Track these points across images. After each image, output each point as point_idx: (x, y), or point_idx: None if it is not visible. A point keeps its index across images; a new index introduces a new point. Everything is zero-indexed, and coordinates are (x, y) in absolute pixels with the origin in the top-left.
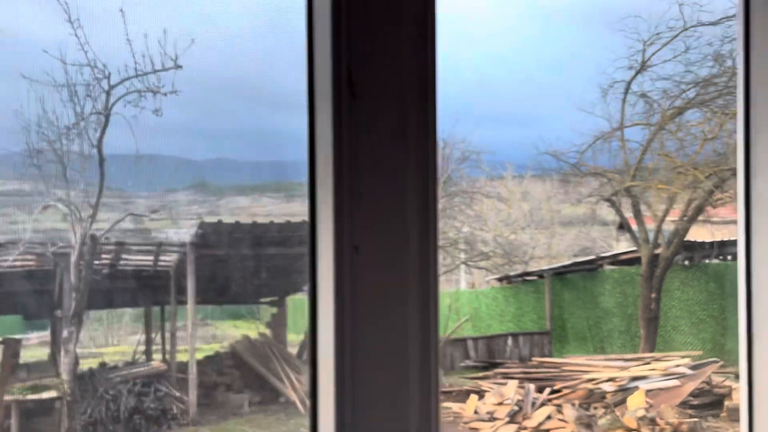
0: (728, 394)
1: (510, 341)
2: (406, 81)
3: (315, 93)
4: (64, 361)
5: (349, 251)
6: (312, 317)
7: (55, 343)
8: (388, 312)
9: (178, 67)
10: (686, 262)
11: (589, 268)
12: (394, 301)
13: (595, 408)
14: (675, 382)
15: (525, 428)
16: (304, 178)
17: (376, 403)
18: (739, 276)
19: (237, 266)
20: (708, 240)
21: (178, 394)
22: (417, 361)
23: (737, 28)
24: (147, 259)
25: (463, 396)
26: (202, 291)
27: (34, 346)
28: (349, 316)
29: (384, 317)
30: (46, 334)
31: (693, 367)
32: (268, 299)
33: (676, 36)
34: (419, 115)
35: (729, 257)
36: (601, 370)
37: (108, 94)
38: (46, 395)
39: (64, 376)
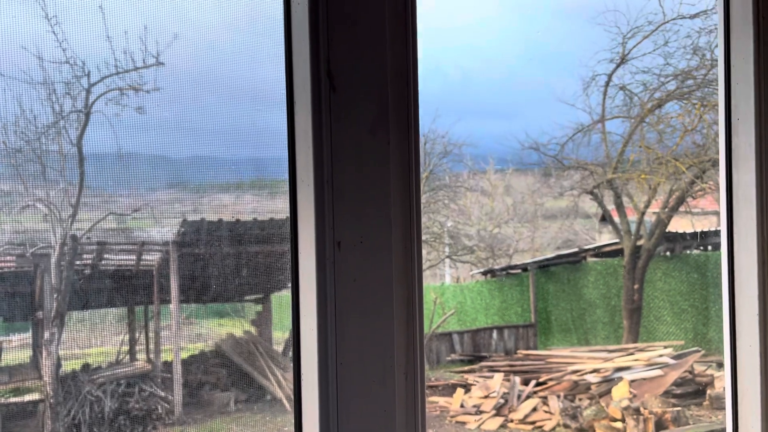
0: (710, 383)
1: (495, 334)
2: (386, 72)
3: (294, 86)
4: (46, 363)
5: (331, 247)
6: (295, 314)
7: (36, 345)
8: (372, 308)
9: (159, 64)
10: (668, 253)
11: (573, 261)
12: (378, 297)
13: (580, 399)
14: (658, 372)
15: (511, 421)
16: (287, 175)
17: (361, 400)
18: (722, 264)
19: (221, 264)
20: (689, 231)
21: (163, 393)
22: (402, 357)
23: (718, 19)
24: (129, 259)
25: (449, 390)
26: (186, 290)
27: (15, 348)
28: (332, 312)
29: (368, 313)
30: (27, 336)
31: (675, 357)
32: (252, 297)
33: (656, 29)
34: (400, 108)
35: (709, 247)
36: (585, 361)
37: (88, 92)
38: (28, 398)
39: (47, 378)
